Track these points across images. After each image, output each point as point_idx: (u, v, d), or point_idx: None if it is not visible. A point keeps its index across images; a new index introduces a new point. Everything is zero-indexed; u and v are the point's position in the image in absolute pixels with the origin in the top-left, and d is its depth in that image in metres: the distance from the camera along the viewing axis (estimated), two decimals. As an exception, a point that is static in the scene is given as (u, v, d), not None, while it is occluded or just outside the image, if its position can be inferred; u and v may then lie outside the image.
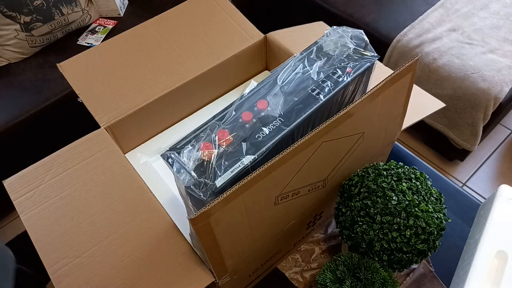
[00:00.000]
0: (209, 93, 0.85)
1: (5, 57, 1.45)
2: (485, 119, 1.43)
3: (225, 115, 0.54)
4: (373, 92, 0.52)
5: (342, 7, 1.66)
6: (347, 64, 0.59)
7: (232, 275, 0.56)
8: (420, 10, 1.61)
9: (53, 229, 0.58)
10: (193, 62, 0.78)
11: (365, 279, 0.56)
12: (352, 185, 0.60)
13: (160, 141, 0.80)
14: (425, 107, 0.76)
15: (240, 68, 0.85)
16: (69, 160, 0.65)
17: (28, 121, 1.34)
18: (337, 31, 0.61)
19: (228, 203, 0.44)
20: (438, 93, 1.47)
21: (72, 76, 0.75)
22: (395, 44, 1.54)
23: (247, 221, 0.49)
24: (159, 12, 0.84)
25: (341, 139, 0.54)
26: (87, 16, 1.55)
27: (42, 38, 1.46)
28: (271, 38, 0.84)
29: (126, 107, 0.72)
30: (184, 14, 0.85)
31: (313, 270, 0.70)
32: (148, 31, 0.82)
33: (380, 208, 0.56)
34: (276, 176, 0.48)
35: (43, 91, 1.38)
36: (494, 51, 1.46)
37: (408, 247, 0.55)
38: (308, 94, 0.56)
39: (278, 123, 0.53)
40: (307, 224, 0.66)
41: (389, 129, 0.66)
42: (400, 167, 0.61)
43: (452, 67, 1.42)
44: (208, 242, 0.46)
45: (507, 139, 1.73)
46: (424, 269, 0.69)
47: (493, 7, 1.60)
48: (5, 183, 0.62)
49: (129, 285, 0.53)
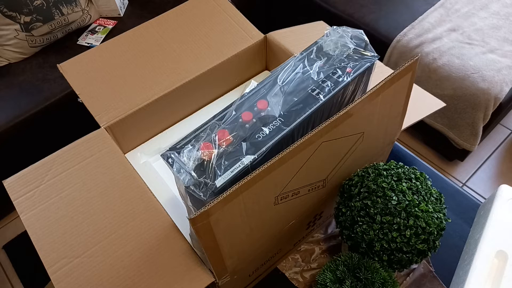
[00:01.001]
0: (209, 93, 0.85)
1: (5, 57, 1.45)
2: (485, 119, 1.43)
3: (225, 115, 0.54)
4: (372, 92, 0.52)
5: (342, 7, 1.66)
6: (347, 64, 0.59)
7: (232, 275, 0.56)
8: (420, 10, 1.61)
9: (53, 229, 0.58)
10: (193, 62, 0.78)
11: (365, 279, 0.56)
12: (352, 185, 0.60)
13: (160, 141, 0.80)
14: (425, 107, 0.76)
15: (240, 68, 0.85)
16: (69, 160, 0.65)
17: (28, 121, 1.34)
18: (337, 31, 0.61)
19: (228, 203, 0.44)
20: (438, 93, 1.47)
21: (72, 76, 0.75)
22: (395, 44, 1.54)
23: (247, 221, 0.49)
24: (159, 12, 0.84)
25: (341, 139, 0.54)
26: (87, 16, 1.55)
27: (42, 38, 1.46)
28: (271, 38, 0.84)
29: (126, 107, 0.72)
30: (184, 14, 0.85)
31: (313, 270, 0.70)
32: (148, 31, 0.82)
33: (380, 208, 0.56)
34: (276, 176, 0.48)
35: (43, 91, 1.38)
36: (494, 51, 1.46)
37: (408, 247, 0.55)
38: (308, 94, 0.56)
39: (278, 123, 0.53)
40: (307, 224, 0.66)
41: (389, 129, 0.66)
42: (400, 167, 0.61)
43: (452, 67, 1.42)
44: (208, 242, 0.46)
45: (507, 139, 1.73)
46: (424, 269, 0.69)
47: (493, 7, 1.60)
48: (5, 183, 0.62)
49: (129, 285, 0.53)
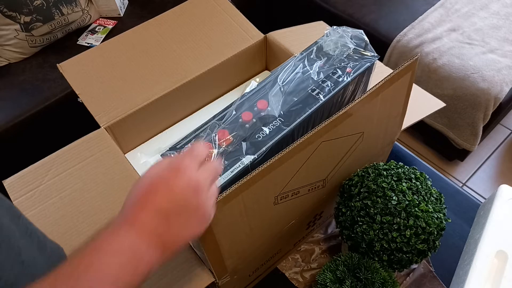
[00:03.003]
0: (209, 93, 0.85)
1: (5, 57, 1.44)
2: (485, 119, 1.43)
3: (225, 115, 0.54)
4: (372, 92, 0.52)
5: (342, 7, 1.66)
6: (347, 64, 0.59)
7: (232, 275, 0.56)
8: (420, 10, 1.61)
9: (53, 229, 0.58)
10: (193, 62, 0.78)
11: (365, 279, 0.56)
12: (352, 185, 0.60)
13: (160, 141, 0.80)
14: (425, 107, 0.76)
15: (240, 68, 0.85)
16: (69, 160, 0.65)
17: (28, 121, 1.34)
18: (337, 31, 0.61)
19: (227, 202, 0.44)
20: (438, 93, 1.47)
21: (72, 76, 0.75)
22: (395, 44, 1.53)
23: (246, 221, 0.49)
24: (159, 12, 0.84)
25: (341, 139, 0.54)
26: (87, 16, 1.55)
27: (42, 38, 1.46)
28: (271, 38, 0.84)
29: (126, 107, 0.72)
30: (184, 14, 0.85)
31: (313, 270, 0.70)
32: (148, 31, 0.82)
33: (380, 208, 0.56)
34: (276, 175, 0.48)
35: (43, 91, 1.37)
36: (494, 51, 1.46)
37: (408, 247, 0.55)
38: (308, 94, 0.56)
39: (278, 123, 0.53)
40: (307, 224, 0.66)
41: (389, 129, 0.66)
42: (400, 167, 0.61)
43: (452, 67, 1.42)
44: (208, 241, 0.46)
45: (507, 139, 1.73)
46: (424, 269, 0.69)
47: (493, 7, 1.60)
48: (5, 183, 0.62)
49: (129, 285, 0.53)
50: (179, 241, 0.36)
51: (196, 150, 0.39)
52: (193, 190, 0.36)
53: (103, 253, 0.32)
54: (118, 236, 0.34)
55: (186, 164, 0.37)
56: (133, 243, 0.33)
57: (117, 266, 0.32)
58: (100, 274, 0.31)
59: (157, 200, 0.35)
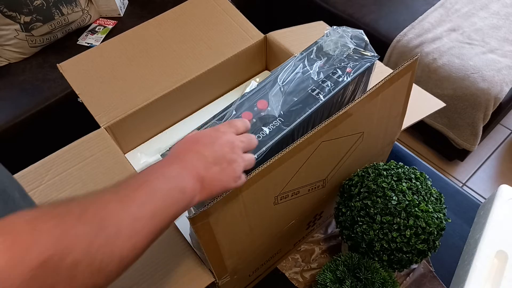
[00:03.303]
0: (209, 93, 0.85)
1: (5, 57, 1.44)
2: (485, 119, 1.43)
3: (225, 115, 0.54)
4: (372, 92, 0.52)
5: (342, 7, 1.66)
6: (347, 64, 0.59)
7: (232, 275, 0.56)
8: (420, 10, 1.61)
9: (53, 229, 0.58)
10: (193, 62, 0.78)
11: (365, 279, 0.56)
12: (352, 185, 0.60)
13: (160, 141, 0.80)
14: (425, 107, 0.76)
15: (240, 68, 0.85)
16: (69, 160, 0.65)
17: (28, 121, 1.34)
18: (337, 31, 0.61)
19: (227, 202, 0.44)
20: (438, 93, 1.47)
21: (72, 76, 0.75)
22: (395, 44, 1.53)
23: (246, 221, 0.49)
24: (159, 12, 0.84)
25: (341, 139, 0.54)
26: (87, 16, 1.55)
27: (42, 38, 1.45)
28: (271, 38, 0.84)
29: (126, 107, 0.72)
30: (184, 14, 0.85)
31: (313, 270, 0.70)
32: (148, 31, 0.82)
33: (380, 208, 0.56)
34: (276, 175, 0.48)
35: (43, 91, 1.37)
36: (494, 51, 1.46)
37: (408, 247, 0.55)
38: (308, 94, 0.56)
39: (278, 123, 0.53)
40: (307, 224, 0.66)
41: (389, 129, 0.66)
42: (400, 167, 0.61)
43: (452, 67, 1.42)
44: (207, 241, 0.46)
45: (507, 139, 1.73)
46: (424, 269, 0.69)
47: (493, 7, 1.60)
48: (5, 183, 0.62)
49: (129, 285, 0.53)
50: (215, 185, 0.41)
51: (235, 122, 0.46)
52: (230, 148, 0.43)
53: (154, 177, 0.37)
54: (166, 167, 0.39)
55: (225, 129, 0.45)
56: (180, 173, 0.39)
57: (165, 188, 0.37)
58: (151, 192, 0.36)
59: (201, 148, 0.42)
